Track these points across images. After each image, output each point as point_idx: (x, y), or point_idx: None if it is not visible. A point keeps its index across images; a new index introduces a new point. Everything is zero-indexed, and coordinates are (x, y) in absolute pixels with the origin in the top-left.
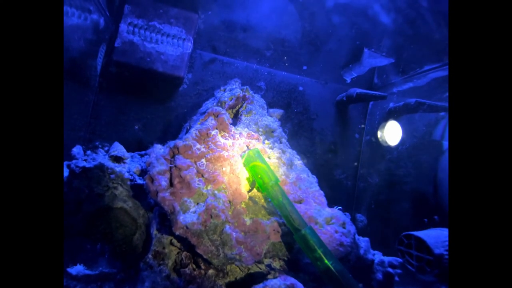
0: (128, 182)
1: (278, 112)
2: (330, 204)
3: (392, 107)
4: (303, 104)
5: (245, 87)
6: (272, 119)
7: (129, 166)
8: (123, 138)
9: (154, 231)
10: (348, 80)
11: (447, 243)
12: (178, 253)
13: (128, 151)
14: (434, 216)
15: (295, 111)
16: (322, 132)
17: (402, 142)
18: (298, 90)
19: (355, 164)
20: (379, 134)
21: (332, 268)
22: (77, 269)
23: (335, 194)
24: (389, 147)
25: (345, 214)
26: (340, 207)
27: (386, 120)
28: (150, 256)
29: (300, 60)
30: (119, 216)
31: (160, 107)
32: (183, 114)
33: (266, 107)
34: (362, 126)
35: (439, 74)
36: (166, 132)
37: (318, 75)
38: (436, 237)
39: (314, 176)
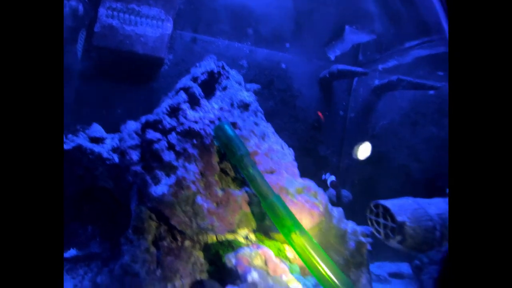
0: (107, 162)
1: (254, 87)
2: (315, 180)
3: (377, 84)
4: (286, 82)
5: (220, 63)
6: (248, 94)
7: (107, 146)
8: (107, 122)
9: (133, 207)
10: (332, 57)
11: (410, 211)
12: (157, 227)
13: None
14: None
15: (278, 88)
16: (306, 109)
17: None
18: (280, 68)
19: (340, 140)
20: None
21: (298, 234)
22: (70, 253)
23: (320, 171)
24: (373, 124)
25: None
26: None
27: (372, 97)
28: (130, 231)
29: (282, 38)
30: (101, 196)
31: (142, 89)
32: (165, 95)
33: (243, 83)
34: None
35: (421, 52)
36: (149, 113)
37: (301, 53)
38: (400, 205)
39: (291, 149)
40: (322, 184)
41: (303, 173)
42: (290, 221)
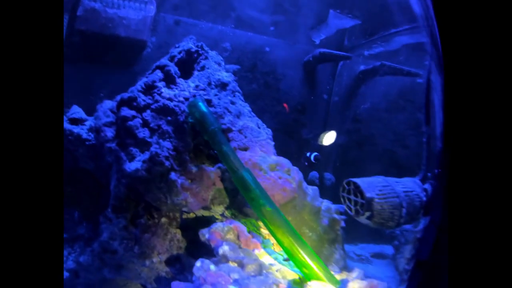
0: (87, 143)
1: (234, 68)
2: (295, 163)
3: (362, 69)
4: (270, 65)
5: (200, 44)
6: (226, 74)
7: (87, 127)
8: (90, 106)
9: (112, 187)
10: (317, 42)
11: (379, 188)
12: (135, 206)
13: None
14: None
15: (262, 71)
16: (289, 92)
17: None
18: (264, 51)
19: (323, 124)
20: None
21: (268, 208)
22: None
23: (302, 153)
24: (356, 108)
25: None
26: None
27: (356, 82)
28: (109, 210)
29: (267, 21)
30: (83, 178)
31: (125, 72)
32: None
33: (222, 64)
34: None
35: (406, 39)
36: None
37: (286, 36)
38: (370, 182)
39: (269, 129)
40: (302, 165)
41: (285, 155)
42: (259, 195)
